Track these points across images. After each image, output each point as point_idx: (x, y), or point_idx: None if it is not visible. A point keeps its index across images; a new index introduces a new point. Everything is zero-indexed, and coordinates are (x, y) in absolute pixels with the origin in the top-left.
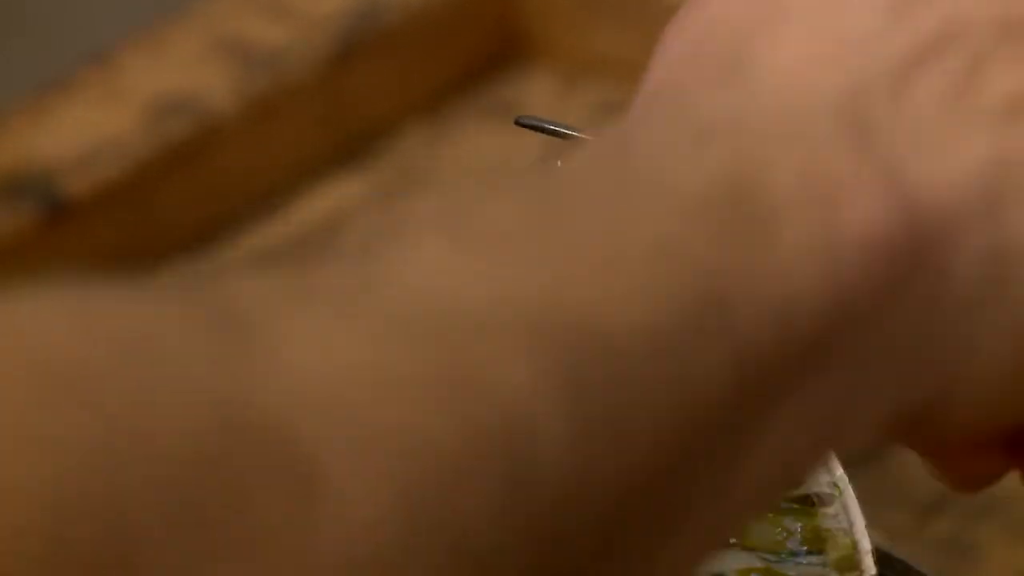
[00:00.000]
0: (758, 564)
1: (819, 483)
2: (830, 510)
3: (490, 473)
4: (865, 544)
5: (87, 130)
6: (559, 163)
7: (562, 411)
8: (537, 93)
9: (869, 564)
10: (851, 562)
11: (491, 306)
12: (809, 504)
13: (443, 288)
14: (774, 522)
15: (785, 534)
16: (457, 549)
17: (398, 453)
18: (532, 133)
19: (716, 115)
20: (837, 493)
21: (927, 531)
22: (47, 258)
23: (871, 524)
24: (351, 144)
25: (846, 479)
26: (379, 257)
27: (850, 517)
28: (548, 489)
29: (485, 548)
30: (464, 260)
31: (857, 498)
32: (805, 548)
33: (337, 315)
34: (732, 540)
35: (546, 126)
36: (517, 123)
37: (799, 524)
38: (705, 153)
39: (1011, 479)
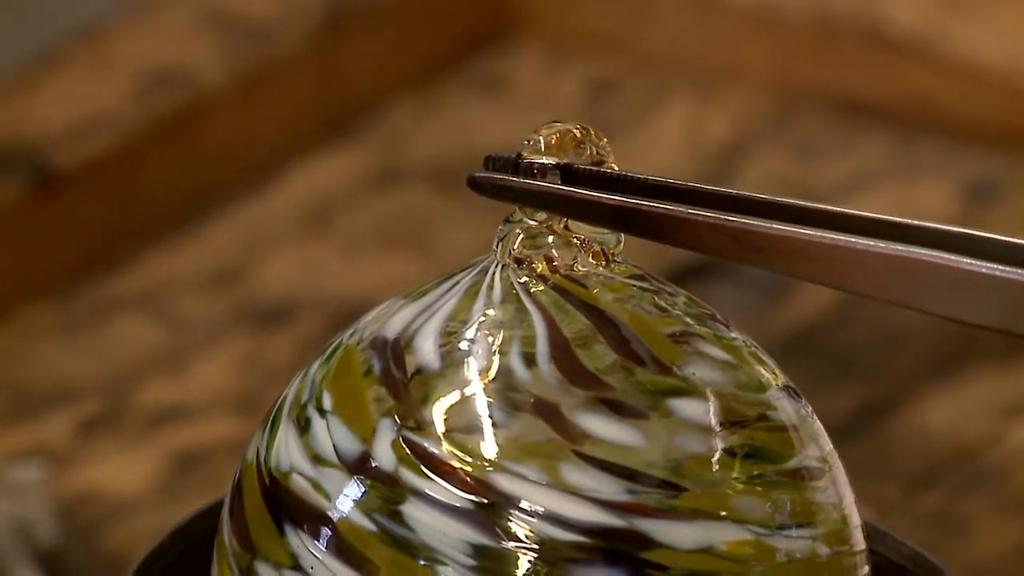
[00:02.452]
0: (747, 537)
1: (808, 457)
2: (819, 484)
3: None
4: (854, 518)
5: (76, 103)
6: None
7: None
8: (526, 68)
9: (858, 538)
10: (840, 536)
11: None
12: (799, 478)
13: None
14: (764, 495)
15: (774, 508)
16: None
17: None
18: (523, 108)
19: None
20: (826, 467)
21: (916, 505)
22: (36, 231)
23: (860, 498)
24: (340, 118)
25: (835, 453)
26: None
27: (839, 491)
28: None
29: None
30: None
31: (846, 472)
32: (794, 522)
33: None
34: (722, 512)
35: (503, 184)
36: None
37: (788, 498)
38: None
39: (999, 452)
